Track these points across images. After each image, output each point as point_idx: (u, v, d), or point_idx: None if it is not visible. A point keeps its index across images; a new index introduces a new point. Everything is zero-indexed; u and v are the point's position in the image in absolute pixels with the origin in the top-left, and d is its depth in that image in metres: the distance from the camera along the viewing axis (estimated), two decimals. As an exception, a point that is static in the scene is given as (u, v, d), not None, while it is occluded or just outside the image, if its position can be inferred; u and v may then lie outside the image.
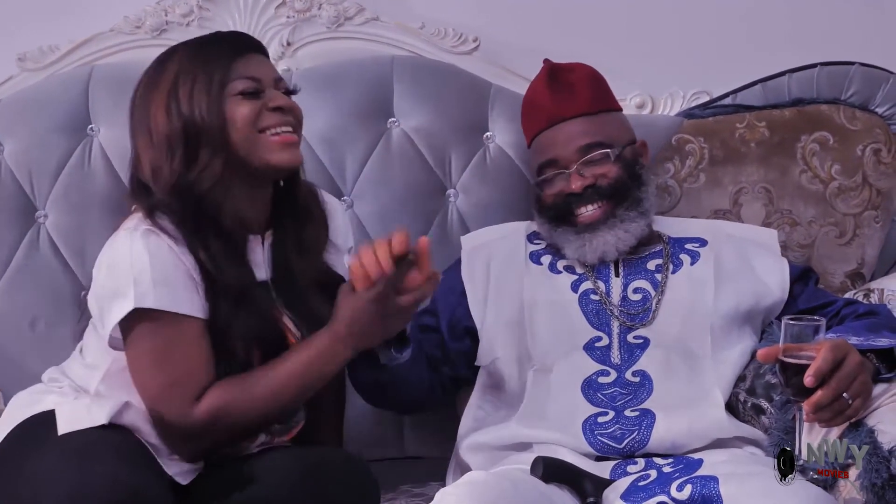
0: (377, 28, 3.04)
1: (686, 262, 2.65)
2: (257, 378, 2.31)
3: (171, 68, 2.38)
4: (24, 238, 2.85)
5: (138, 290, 2.27)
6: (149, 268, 2.27)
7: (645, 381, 2.52)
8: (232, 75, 2.36)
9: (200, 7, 3.00)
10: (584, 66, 2.73)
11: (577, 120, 2.66)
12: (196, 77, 2.35)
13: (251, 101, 2.36)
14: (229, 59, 2.38)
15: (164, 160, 2.34)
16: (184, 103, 2.34)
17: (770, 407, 2.48)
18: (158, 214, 2.32)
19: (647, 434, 2.45)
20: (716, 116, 3.01)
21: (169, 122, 2.34)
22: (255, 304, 2.34)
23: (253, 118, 2.35)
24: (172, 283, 2.29)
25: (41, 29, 3.01)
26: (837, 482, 2.25)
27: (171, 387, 2.29)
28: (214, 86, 2.35)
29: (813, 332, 2.19)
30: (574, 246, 2.62)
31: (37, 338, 2.81)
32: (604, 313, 2.60)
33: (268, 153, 2.36)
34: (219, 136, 2.33)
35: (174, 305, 2.28)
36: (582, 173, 2.62)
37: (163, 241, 2.30)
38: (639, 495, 2.28)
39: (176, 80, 2.36)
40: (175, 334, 2.29)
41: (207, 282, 2.31)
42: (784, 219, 2.96)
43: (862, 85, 2.98)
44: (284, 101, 2.40)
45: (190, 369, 2.30)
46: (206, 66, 2.36)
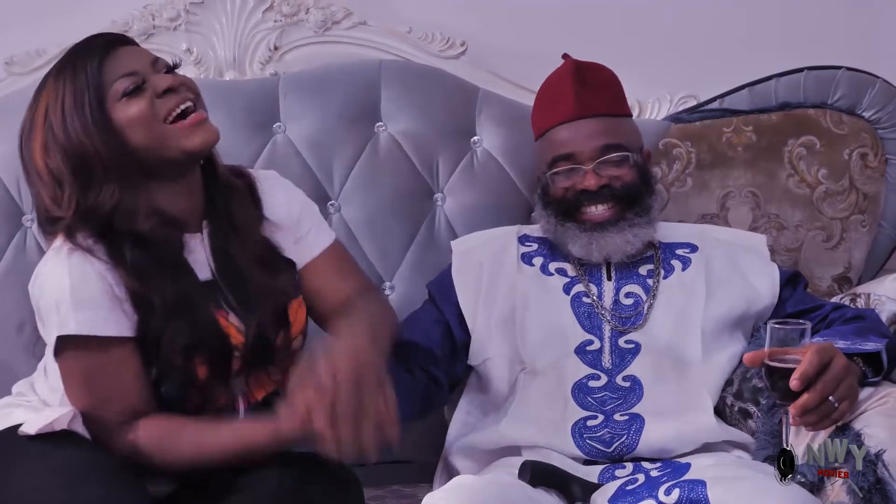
0: (365, 32, 3.04)
1: (678, 268, 2.65)
2: (189, 432, 2.25)
3: (42, 100, 2.27)
4: (11, 242, 2.85)
5: (60, 317, 2.22)
6: (69, 292, 2.21)
7: (635, 386, 2.52)
8: (107, 80, 2.23)
9: (188, 11, 3.00)
10: (606, 68, 2.72)
11: (600, 119, 2.64)
12: (65, 99, 2.23)
13: (138, 98, 2.23)
14: (98, 66, 2.24)
15: (58, 193, 2.24)
16: (59, 133, 2.22)
17: (757, 411, 2.49)
18: (78, 232, 2.23)
19: (636, 438, 2.45)
20: (703, 121, 3.02)
21: (49, 158, 2.23)
22: (190, 313, 2.26)
23: (147, 112, 2.23)
24: (95, 306, 2.22)
25: (29, 33, 3.01)
26: (825, 485, 2.25)
27: (97, 407, 2.25)
28: (89, 100, 2.22)
29: (799, 335, 2.19)
30: (580, 243, 2.61)
31: (24, 342, 2.80)
32: (595, 317, 2.60)
33: (180, 140, 2.25)
34: (107, 149, 2.22)
35: (97, 329, 2.22)
36: (598, 172, 2.60)
37: (85, 260, 2.22)
38: (627, 499, 2.28)
39: (47, 111, 2.25)
40: (100, 357, 2.23)
41: (135, 296, 2.24)
42: (771, 223, 2.96)
43: (849, 89, 2.99)
44: (170, 80, 2.26)
45: (117, 391, 2.25)
46: (74, 83, 2.24)
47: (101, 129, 2.22)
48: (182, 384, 2.27)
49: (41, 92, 2.29)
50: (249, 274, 2.34)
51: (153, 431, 2.26)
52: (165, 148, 2.25)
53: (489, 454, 2.51)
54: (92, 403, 2.26)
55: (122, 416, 2.25)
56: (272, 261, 2.39)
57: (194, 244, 2.33)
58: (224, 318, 2.31)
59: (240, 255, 2.35)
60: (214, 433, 2.26)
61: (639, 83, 3.05)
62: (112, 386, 2.25)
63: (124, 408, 2.26)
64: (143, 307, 2.24)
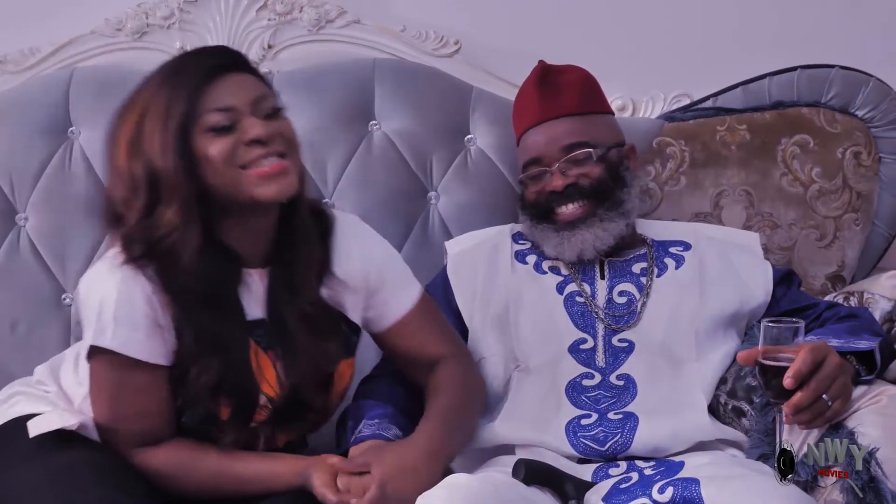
0: (358, 31, 3.04)
1: (671, 267, 2.65)
2: (211, 458, 2.26)
3: (140, 102, 2.22)
4: (4, 241, 2.84)
5: (98, 326, 2.21)
6: (113, 307, 2.20)
7: (629, 385, 2.52)
8: (200, 109, 2.18)
9: (181, 10, 3.00)
10: (577, 68, 2.74)
11: (563, 120, 2.67)
12: (160, 112, 2.18)
13: (224, 137, 2.18)
14: (196, 88, 2.18)
15: (131, 196, 2.20)
16: (145, 143, 2.18)
17: (750, 409, 2.48)
18: (135, 244, 2.20)
19: (629, 437, 2.45)
20: (696, 119, 3.02)
21: (132, 162, 2.19)
22: (224, 352, 2.24)
23: (227, 156, 2.18)
24: (134, 327, 2.20)
25: (22, 31, 3.00)
26: (819, 483, 2.25)
27: (117, 422, 2.25)
28: (178, 124, 2.17)
29: (792, 334, 2.19)
30: (553, 243, 2.63)
31: (17, 340, 2.80)
32: (589, 315, 2.60)
33: (251, 188, 2.20)
34: (181, 178, 2.17)
35: (129, 349, 2.21)
36: (564, 172, 2.63)
37: (135, 278, 2.20)
38: (620, 497, 2.27)
39: (142, 117, 2.20)
40: (129, 376, 2.23)
41: (177, 324, 2.22)
42: (765, 221, 2.96)
43: (842, 88, 2.99)
44: (263, 130, 2.20)
45: (140, 413, 2.25)
46: (171, 98, 2.18)
47: (180, 155, 2.17)
48: (204, 419, 2.26)
49: (141, 92, 2.23)
50: (296, 334, 2.30)
51: (173, 455, 2.26)
52: (238, 192, 2.20)
53: (483, 453, 2.50)
54: (113, 418, 2.26)
55: (140, 437, 2.25)
56: (325, 324, 2.34)
57: (252, 280, 2.31)
58: (270, 361, 2.30)
59: (291, 311, 2.30)
60: (237, 464, 2.26)
61: (632, 82, 3.06)
62: (135, 407, 2.24)
63: (143, 430, 2.25)
64: (182, 336, 2.22)
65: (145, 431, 2.25)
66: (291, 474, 2.24)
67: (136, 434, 2.25)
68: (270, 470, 2.26)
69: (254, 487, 2.25)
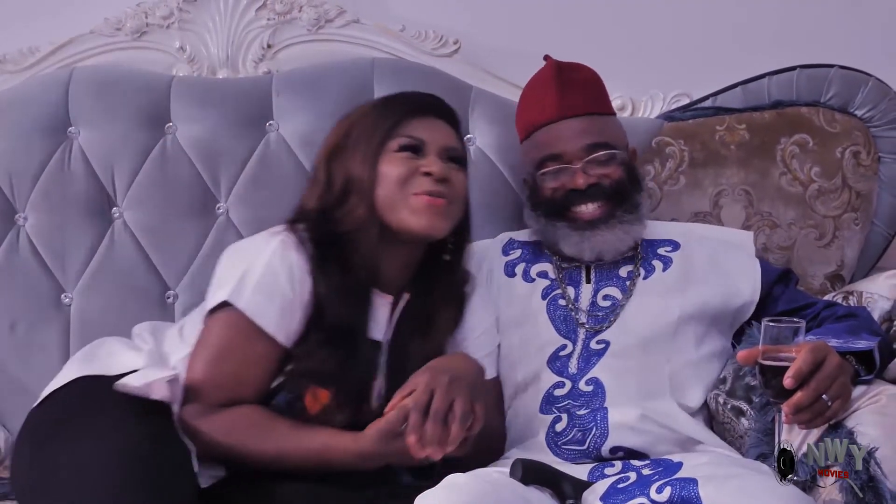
0: (358, 30, 3.04)
1: (658, 269, 2.64)
2: (278, 428, 2.29)
3: (353, 117, 2.46)
4: (3, 240, 2.83)
5: (238, 286, 2.30)
6: (260, 272, 2.29)
7: (598, 390, 2.52)
8: (397, 132, 2.39)
9: (180, 9, 3.00)
10: (586, 67, 2.73)
11: (583, 118, 2.65)
12: (365, 128, 2.40)
13: (405, 161, 2.38)
14: (400, 115, 2.41)
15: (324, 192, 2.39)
16: (349, 148, 2.40)
17: (750, 409, 2.49)
18: (301, 228, 2.34)
19: (604, 426, 2.45)
20: (696, 119, 3.02)
21: (333, 162, 2.41)
22: (354, 357, 2.33)
23: (403, 178, 2.37)
24: (272, 297, 2.29)
25: (21, 30, 3.00)
26: (818, 483, 2.25)
27: (210, 383, 2.29)
28: (376, 138, 2.38)
29: (792, 334, 2.19)
30: (572, 241, 2.61)
31: (16, 341, 2.80)
32: (570, 320, 2.59)
33: (406, 213, 2.36)
34: (366, 188, 2.35)
35: (259, 316, 2.29)
36: (587, 171, 2.61)
37: (291, 258, 2.31)
38: (618, 497, 2.27)
39: (350, 129, 2.43)
40: (245, 342, 2.30)
41: (316, 315, 2.31)
42: (764, 221, 2.96)
43: (841, 87, 2.99)
44: (440, 168, 2.39)
45: (238, 380, 2.30)
46: (377, 118, 2.41)
47: (369, 167, 2.37)
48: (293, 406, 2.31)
49: (356, 109, 2.49)
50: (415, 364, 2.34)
51: (242, 420, 2.29)
52: (392, 212, 2.36)
53: None
54: (211, 377, 2.30)
55: (224, 401, 2.29)
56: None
57: (380, 304, 2.40)
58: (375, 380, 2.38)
59: (415, 355, 2.38)
60: (301, 433, 2.29)
61: (632, 81, 3.06)
62: (237, 373, 2.30)
63: (231, 397, 2.30)
64: (313, 322, 2.31)
65: (233, 398, 2.30)
66: (351, 442, 2.26)
67: (221, 398, 2.29)
68: (330, 439, 2.28)
69: (313, 457, 2.27)
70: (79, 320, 2.82)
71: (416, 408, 2.18)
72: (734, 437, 2.52)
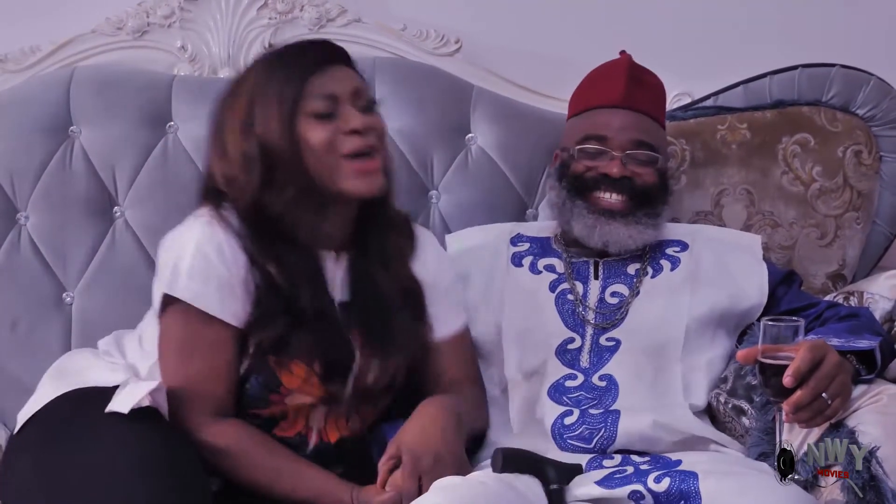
0: (359, 30, 3.04)
1: (666, 268, 2.65)
2: (277, 454, 2.29)
3: (248, 84, 2.34)
4: (5, 240, 2.84)
5: (171, 276, 2.28)
6: (190, 258, 2.27)
7: (611, 386, 2.52)
8: (305, 93, 2.30)
9: (182, 8, 3.00)
10: (656, 76, 2.77)
11: (641, 116, 2.68)
12: (270, 95, 2.30)
13: (325, 124, 2.30)
14: (303, 75, 2.31)
15: (239, 173, 2.31)
16: (259, 124, 2.29)
17: (750, 408, 2.48)
18: (227, 209, 2.31)
19: (613, 430, 2.44)
20: (697, 118, 3.02)
21: (245, 142, 2.30)
22: (325, 327, 2.31)
23: (328, 143, 2.30)
24: (207, 280, 2.27)
25: (22, 30, 3.00)
26: (819, 483, 2.25)
27: (188, 383, 2.27)
28: (286, 107, 2.29)
29: (792, 333, 2.19)
30: (584, 223, 2.62)
31: (17, 340, 2.80)
32: (578, 314, 2.60)
33: (343, 180, 2.31)
34: (292, 159, 2.28)
35: (199, 301, 2.27)
36: (624, 162, 2.63)
37: (219, 239, 2.28)
38: (613, 482, 2.28)
39: (252, 99, 2.31)
40: (198, 331, 2.28)
41: (262, 290, 2.28)
42: (765, 220, 2.96)
43: (843, 87, 2.99)
44: (361, 121, 2.32)
45: (208, 371, 2.28)
46: (280, 84, 2.30)
47: (288, 138, 2.28)
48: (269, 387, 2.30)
49: (245, 82, 2.35)
50: (387, 312, 2.37)
51: (245, 435, 2.28)
52: (327, 180, 2.30)
53: None
54: (183, 377, 2.28)
55: (208, 403, 2.27)
56: (419, 304, 2.44)
57: (328, 263, 2.38)
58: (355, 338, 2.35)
59: (386, 288, 2.38)
60: (301, 468, 2.29)
61: (633, 81, 3.05)
62: (203, 365, 2.28)
63: (212, 392, 2.28)
64: (267, 302, 2.28)
65: (214, 397, 2.28)
66: (345, 491, 2.26)
67: (204, 399, 2.27)
68: (327, 482, 2.27)
69: (305, 493, 2.26)
70: (80, 319, 2.83)
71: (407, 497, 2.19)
72: (735, 436, 2.52)
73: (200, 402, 2.28)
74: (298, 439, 2.37)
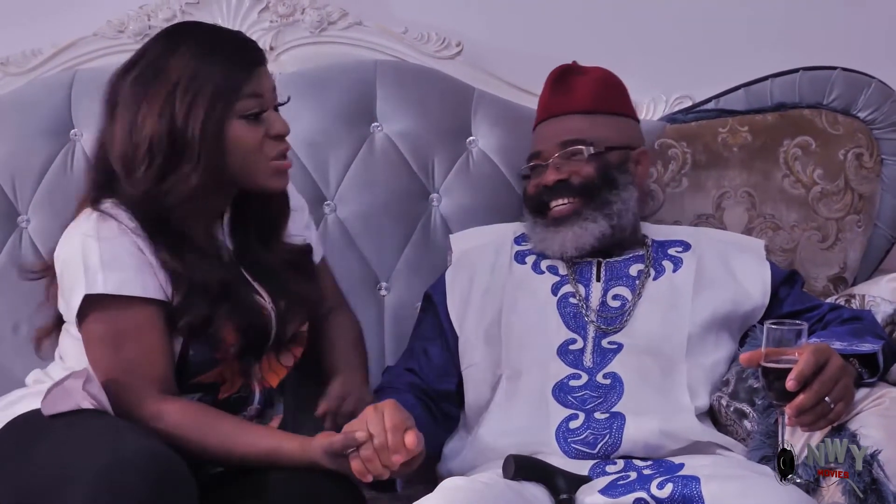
0: (360, 33, 3.04)
1: (668, 269, 2.65)
2: (224, 424, 2.29)
3: (176, 65, 2.29)
4: (6, 242, 2.84)
5: (88, 277, 2.26)
6: (97, 252, 2.26)
7: (616, 384, 2.51)
8: (241, 93, 2.30)
9: (183, 11, 2.99)
10: (599, 70, 2.77)
11: (568, 117, 2.70)
12: (201, 87, 2.28)
13: (254, 127, 2.32)
14: (241, 75, 2.31)
15: (139, 160, 2.28)
16: (180, 112, 2.27)
17: (752, 411, 2.48)
18: (110, 204, 2.30)
19: (618, 436, 2.44)
20: (699, 121, 3.02)
21: (158, 126, 2.27)
22: (237, 295, 2.34)
23: (256, 146, 2.32)
24: (123, 266, 2.26)
25: (24, 33, 3.00)
26: (821, 485, 2.25)
27: (124, 372, 2.27)
28: (220, 104, 2.28)
29: (795, 336, 2.19)
30: (540, 237, 2.66)
31: (20, 342, 2.80)
32: (581, 317, 2.60)
33: (263, 178, 2.35)
34: (206, 155, 2.27)
35: (124, 288, 2.26)
36: (558, 167, 2.66)
37: (113, 225, 2.27)
38: (617, 490, 2.28)
39: (178, 82, 2.28)
40: (126, 317, 2.27)
41: (174, 273, 2.29)
42: (767, 223, 2.96)
43: (844, 89, 2.99)
44: (283, 126, 2.36)
45: (143, 354, 2.27)
46: (216, 77, 2.29)
47: (213, 135, 2.28)
48: (212, 350, 2.32)
49: (174, 53, 2.31)
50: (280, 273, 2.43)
51: (188, 415, 2.28)
52: (247, 177, 2.35)
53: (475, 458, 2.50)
54: (118, 367, 2.27)
55: (149, 383, 2.27)
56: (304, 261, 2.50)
57: (216, 229, 2.42)
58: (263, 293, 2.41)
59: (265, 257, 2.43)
60: (248, 431, 2.30)
61: (634, 84, 3.03)
62: (138, 348, 2.27)
63: (151, 374, 2.28)
64: (183, 284, 2.29)
65: (153, 377, 2.28)
66: (298, 449, 2.26)
67: (144, 381, 2.27)
68: (279, 443, 2.28)
69: (261, 458, 2.27)
70: (81, 322, 2.82)
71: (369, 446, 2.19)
72: (737, 439, 2.51)
73: (140, 387, 2.27)
74: (245, 392, 2.41)
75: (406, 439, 2.18)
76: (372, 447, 2.19)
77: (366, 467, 2.19)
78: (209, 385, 2.37)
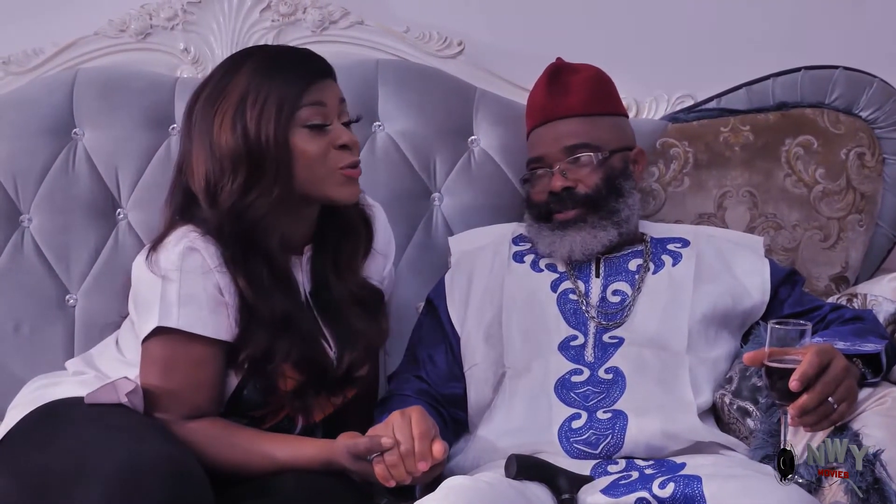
0: (362, 32, 3.04)
1: (668, 264, 2.65)
2: (244, 435, 2.33)
3: (241, 80, 2.35)
4: (8, 242, 2.84)
5: (163, 308, 2.29)
6: (177, 286, 2.29)
7: (617, 378, 2.51)
8: (303, 102, 2.34)
9: (185, 11, 3.00)
10: (590, 67, 2.75)
11: (569, 120, 2.69)
12: (267, 97, 2.32)
13: (318, 137, 2.35)
14: (302, 84, 2.35)
15: (224, 178, 2.32)
16: (251, 124, 2.32)
17: (755, 410, 2.48)
18: (198, 235, 2.32)
19: (620, 437, 2.44)
20: (700, 120, 3.02)
21: (234, 140, 2.32)
22: (300, 330, 2.36)
23: (321, 156, 2.35)
24: (200, 304, 2.30)
25: (25, 32, 3.00)
26: (823, 484, 2.25)
27: (165, 397, 2.31)
28: (284, 112, 2.32)
29: (799, 336, 2.19)
30: (547, 241, 2.65)
31: (21, 342, 2.80)
32: (581, 314, 2.60)
33: (331, 188, 2.37)
34: (281, 165, 2.32)
35: (196, 326, 2.30)
36: (564, 173, 2.64)
37: (200, 259, 2.31)
38: (619, 490, 2.28)
39: (245, 96, 2.33)
40: (186, 352, 2.31)
41: (243, 305, 2.32)
42: (768, 223, 2.96)
43: (846, 89, 2.99)
44: (349, 137, 2.38)
45: (190, 387, 2.32)
46: (278, 87, 2.33)
47: (282, 143, 2.32)
48: (265, 391, 2.36)
49: (239, 68, 2.37)
50: (342, 312, 2.44)
51: (209, 428, 2.32)
52: (315, 188, 2.37)
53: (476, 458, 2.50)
54: (162, 390, 2.32)
55: (186, 408, 2.32)
56: (373, 301, 2.51)
57: (296, 265, 2.43)
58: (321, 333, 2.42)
59: (338, 294, 2.45)
60: (268, 441, 2.33)
61: (636, 83, 3.06)
62: (186, 381, 2.32)
63: (190, 404, 2.32)
64: (248, 317, 2.32)
65: (192, 404, 2.32)
66: (317, 452, 2.31)
67: (182, 405, 2.32)
68: (297, 449, 2.32)
69: (280, 465, 2.31)
70: (83, 321, 2.83)
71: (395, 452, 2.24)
72: (739, 437, 2.52)
73: (177, 407, 2.32)
74: (286, 423, 2.44)
75: (434, 448, 2.23)
76: (398, 453, 2.23)
77: (389, 472, 2.23)
78: (258, 417, 2.41)
